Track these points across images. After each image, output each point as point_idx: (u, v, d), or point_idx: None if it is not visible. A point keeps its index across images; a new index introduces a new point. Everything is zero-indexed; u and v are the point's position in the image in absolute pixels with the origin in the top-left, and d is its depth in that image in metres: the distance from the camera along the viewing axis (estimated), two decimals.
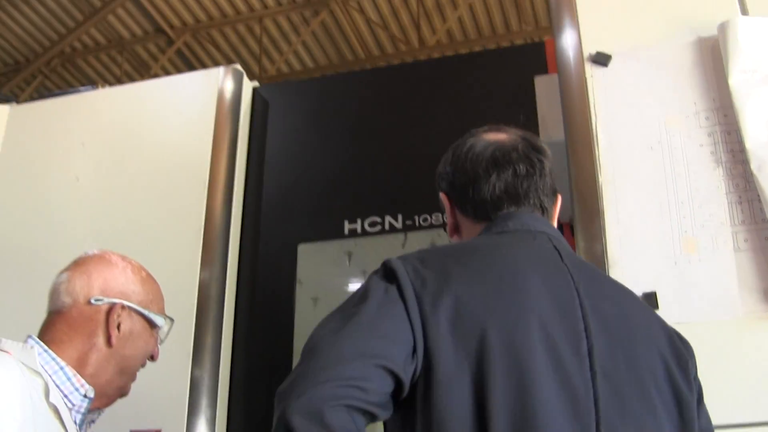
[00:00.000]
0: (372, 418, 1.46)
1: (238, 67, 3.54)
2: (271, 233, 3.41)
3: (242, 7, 10.39)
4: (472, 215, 1.85)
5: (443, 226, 2.35)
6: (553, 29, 2.65)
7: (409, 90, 3.52)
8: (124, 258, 2.21)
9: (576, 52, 2.54)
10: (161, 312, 2.19)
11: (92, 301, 2.05)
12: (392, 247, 3.17)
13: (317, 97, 3.69)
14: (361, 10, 10.44)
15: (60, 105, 3.78)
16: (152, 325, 2.15)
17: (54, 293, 2.10)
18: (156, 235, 3.25)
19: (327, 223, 3.31)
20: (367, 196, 3.31)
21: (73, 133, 3.62)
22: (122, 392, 2.11)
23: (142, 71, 11.10)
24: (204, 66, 10.78)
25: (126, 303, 2.08)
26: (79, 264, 2.15)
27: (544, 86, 2.74)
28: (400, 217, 3.21)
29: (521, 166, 1.82)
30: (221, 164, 3.34)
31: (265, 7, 10.42)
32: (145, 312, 2.12)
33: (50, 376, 1.91)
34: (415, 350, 1.49)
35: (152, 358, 2.18)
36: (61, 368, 1.94)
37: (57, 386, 1.91)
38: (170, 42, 10.86)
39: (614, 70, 2.49)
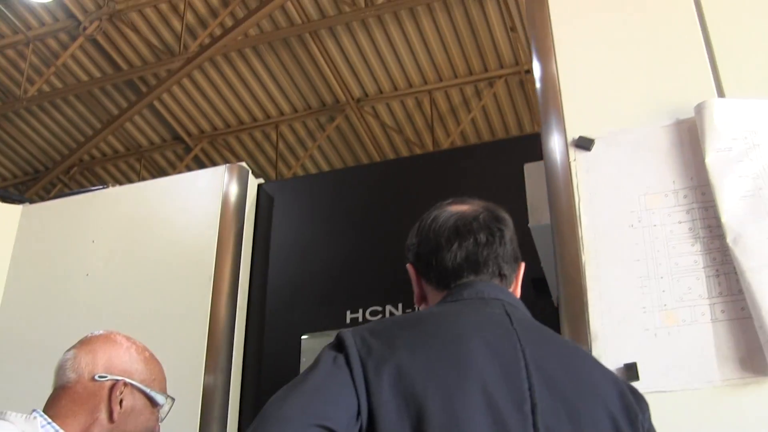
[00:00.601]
0: None
1: (244, 164, 3.68)
2: (275, 326, 3.50)
3: (259, 114, 10.64)
4: (435, 284, 1.96)
5: None
6: (540, 117, 2.77)
7: (408, 182, 3.65)
8: (128, 338, 2.31)
9: (560, 137, 2.65)
10: (163, 391, 2.28)
11: (96, 377, 2.16)
12: None
13: (320, 191, 3.83)
14: (376, 116, 10.67)
15: (71, 204, 3.97)
16: (153, 403, 2.23)
17: (60, 369, 2.20)
18: (162, 330, 3.35)
19: (329, 313, 3.40)
20: (369, 286, 3.42)
21: (84, 231, 3.79)
22: None
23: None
24: None
25: (129, 380, 2.18)
26: (85, 343, 2.26)
27: (532, 173, 2.85)
28: (400, 306, 3.30)
29: (482, 235, 1.93)
30: (226, 260, 3.46)
31: (282, 113, 10.66)
32: (147, 390, 2.21)
33: None
34: (359, 413, 1.58)
35: None
36: None
37: None
38: (188, 149, 11.10)
39: (596, 154, 2.59)
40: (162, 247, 3.60)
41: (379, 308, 3.32)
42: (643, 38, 2.75)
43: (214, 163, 11.24)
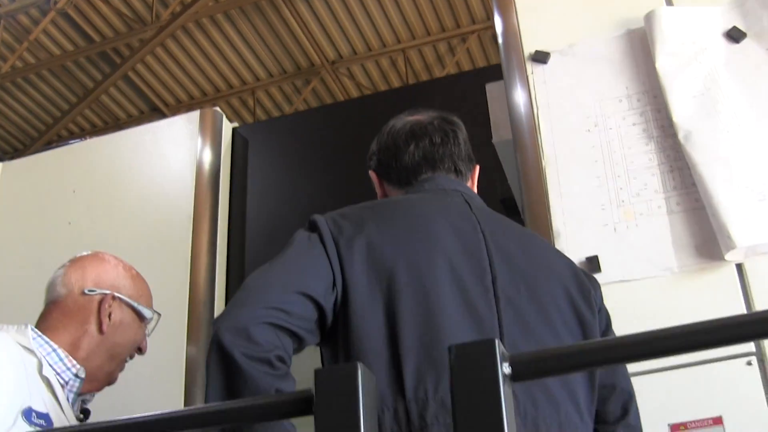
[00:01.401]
0: (300, 342, 1.69)
1: (217, 109, 3.76)
2: (255, 265, 3.60)
3: (235, 81, 10.69)
4: (396, 183, 2.10)
5: None
6: (496, 37, 2.87)
7: (378, 118, 3.71)
8: (116, 257, 2.42)
9: (518, 53, 2.76)
10: (149, 306, 2.37)
11: (86, 291, 2.26)
12: None
13: (293, 132, 3.92)
14: (352, 77, 10.74)
15: (50, 157, 4.05)
16: (141, 317, 2.33)
17: (51, 285, 2.30)
18: (144, 271, 3.45)
19: None
20: None
21: (65, 182, 3.86)
22: (111, 378, 2.28)
23: None
24: None
25: (117, 294, 2.27)
26: (74, 261, 2.37)
27: (494, 91, 2.95)
28: None
29: (437, 136, 2.09)
30: (205, 203, 3.55)
31: (258, 79, 10.72)
32: (135, 304, 2.31)
33: (43, 356, 2.10)
34: (334, 284, 1.72)
35: (140, 350, 2.36)
36: (54, 350, 2.13)
37: (50, 365, 2.09)
38: None
39: (552, 66, 2.71)
40: (141, 194, 3.68)
41: None
42: None
43: None
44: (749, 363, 2.19)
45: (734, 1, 2.63)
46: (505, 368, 1.02)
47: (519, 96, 2.70)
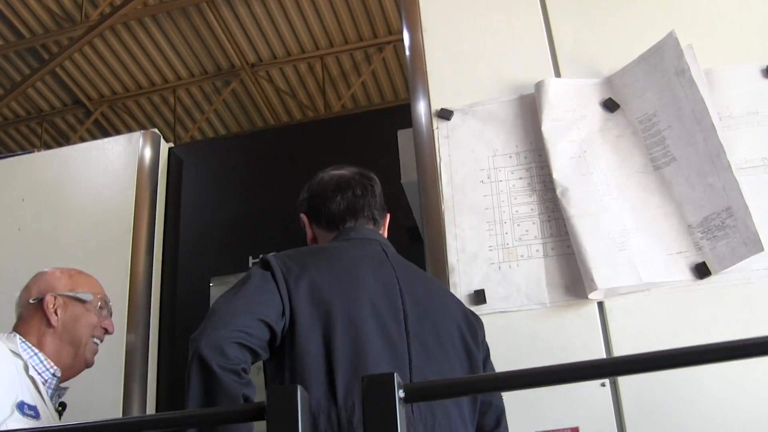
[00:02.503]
0: (256, 357, 2.14)
1: (156, 131, 4.15)
2: (186, 273, 4.00)
3: (157, 78, 10.97)
4: (324, 227, 2.57)
5: None
6: (409, 92, 3.31)
7: (300, 147, 4.22)
8: (56, 267, 2.81)
9: (426, 108, 3.20)
10: (89, 292, 2.76)
11: (31, 301, 2.69)
12: None
13: (224, 154, 4.34)
14: (270, 80, 11.11)
15: (1, 165, 4.35)
16: (83, 302, 2.71)
17: (16, 307, 2.73)
18: (89, 271, 3.82)
19: (234, 259, 3.93)
20: (267, 235, 3.95)
21: (14, 190, 4.20)
22: (83, 362, 2.71)
23: (62, 141, 11.58)
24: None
25: (54, 293, 2.68)
26: (26, 284, 2.76)
27: (404, 137, 3.39)
28: None
29: (358, 189, 2.57)
30: (143, 216, 3.96)
31: (179, 78, 11.01)
32: (72, 294, 2.72)
33: (27, 359, 2.51)
34: (283, 313, 2.19)
35: (106, 330, 2.78)
36: (35, 354, 2.56)
37: (33, 366, 2.50)
38: (88, 113, 11.37)
39: (455, 122, 3.15)
40: (85, 202, 4.05)
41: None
42: (496, 25, 3.31)
43: (113, 126, 11.55)
44: (603, 384, 2.67)
45: (611, 76, 3.10)
46: (400, 393, 1.48)
47: (425, 146, 3.14)
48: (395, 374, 1.50)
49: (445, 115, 3.16)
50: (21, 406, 2.37)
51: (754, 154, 2.88)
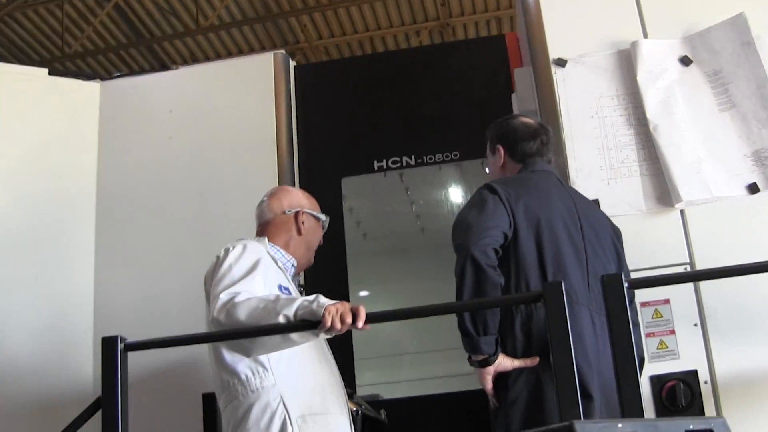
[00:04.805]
0: (496, 253, 3.14)
1: (284, 52, 5.00)
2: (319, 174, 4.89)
3: None
4: (518, 159, 3.55)
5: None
6: (529, 40, 4.27)
7: (407, 72, 5.11)
8: (296, 188, 3.78)
9: (544, 56, 4.17)
10: (320, 212, 3.69)
11: (286, 211, 3.56)
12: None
13: (339, 75, 5.26)
14: None
15: (145, 81, 5.19)
16: (319, 220, 3.66)
17: (260, 212, 3.60)
18: (235, 177, 4.70)
19: (361, 162, 4.91)
20: (387, 142, 4.94)
21: (162, 104, 4.96)
22: (309, 262, 3.62)
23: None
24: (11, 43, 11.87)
25: (304, 210, 3.59)
26: (271, 193, 3.66)
27: (521, 76, 4.38)
28: (413, 157, 4.90)
29: (544, 137, 3.56)
30: (282, 125, 4.77)
31: None
32: (315, 213, 3.64)
33: (275, 254, 3.39)
34: (510, 224, 3.20)
35: (320, 242, 3.69)
36: (278, 250, 3.44)
37: (279, 260, 3.38)
38: None
39: (568, 69, 4.15)
40: (229, 117, 4.82)
41: (397, 158, 4.87)
42: None
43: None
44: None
45: (688, 37, 4.11)
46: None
47: (546, 86, 4.14)
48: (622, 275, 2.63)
49: (561, 63, 4.15)
50: (280, 288, 3.23)
51: None
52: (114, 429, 2.62)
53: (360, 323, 2.77)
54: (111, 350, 2.71)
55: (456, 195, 5.58)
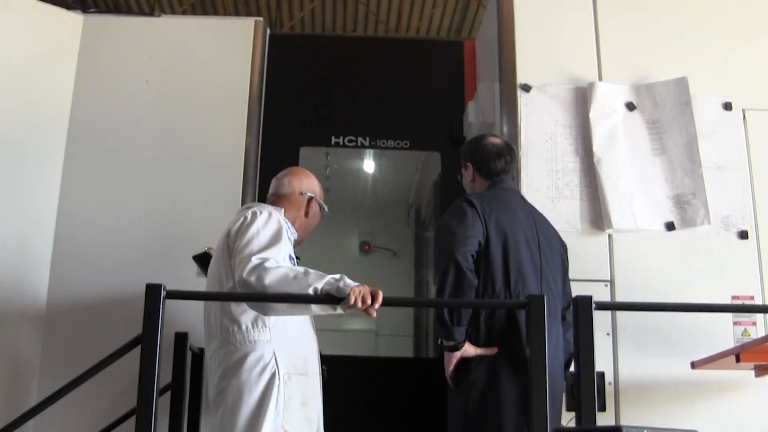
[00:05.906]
0: (472, 257, 3.66)
1: (261, 19, 5.37)
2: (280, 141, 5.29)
3: None
4: (485, 177, 4.05)
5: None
6: (500, 66, 4.82)
7: (368, 59, 5.60)
8: (312, 175, 4.04)
9: (513, 78, 4.73)
10: (324, 202, 4.06)
11: (302, 192, 3.91)
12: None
13: (310, 49, 5.71)
14: None
15: (129, 23, 5.38)
16: (322, 209, 4.02)
17: (279, 184, 3.92)
18: (204, 128, 5.05)
19: (318, 136, 5.40)
20: (345, 120, 5.43)
21: (143, 48, 5.21)
22: (300, 242, 3.96)
23: None
24: None
25: (315, 198, 3.96)
26: (291, 172, 3.98)
27: (485, 89, 4.94)
28: (367, 138, 5.43)
29: (508, 157, 4.07)
30: (254, 87, 5.15)
31: None
32: (321, 202, 4.00)
33: (285, 222, 3.74)
34: (484, 234, 3.71)
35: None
36: (286, 222, 3.77)
37: (287, 230, 3.71)
38: None
39: (532, 95, 4.72)
40: (205, 70, 5.13)
41: (353, 137, 5.38)
42: (567, 33, 4.89)
43: None
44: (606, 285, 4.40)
45: (633, 85, 4.75)
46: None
47: (511, 108, 4.69)
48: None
49: (526, 88, 4.72)
50: (290, 258, 3.58)
51: (714, 159, 4.61)
52: (152, 363, 2.99)
53: (376, 305, 3.17)
54: (155, 296, 3.05)
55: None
